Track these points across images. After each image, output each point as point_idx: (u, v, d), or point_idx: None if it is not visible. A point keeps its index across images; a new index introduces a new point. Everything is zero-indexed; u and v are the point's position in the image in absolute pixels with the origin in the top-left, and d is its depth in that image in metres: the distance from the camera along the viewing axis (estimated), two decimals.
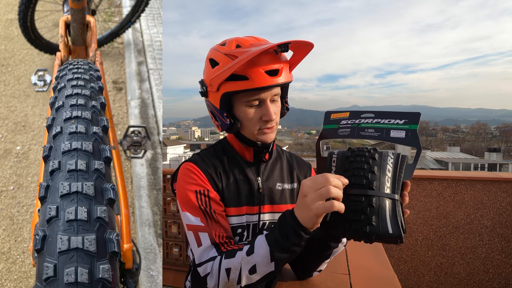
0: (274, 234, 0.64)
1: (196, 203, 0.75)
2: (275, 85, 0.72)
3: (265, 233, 0.66)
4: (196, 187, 0.76)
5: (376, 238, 0.59)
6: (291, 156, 0.94)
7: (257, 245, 0.65)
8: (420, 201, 2.41)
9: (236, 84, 0.72)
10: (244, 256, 0.66)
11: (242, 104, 0.75)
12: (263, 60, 0.71)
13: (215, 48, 0.78)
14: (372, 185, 0.60)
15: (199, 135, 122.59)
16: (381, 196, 0.60)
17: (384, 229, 0.58)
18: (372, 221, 0.59)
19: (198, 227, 0.73)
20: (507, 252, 2.32)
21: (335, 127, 0.75)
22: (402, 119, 0.66)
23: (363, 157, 0.63)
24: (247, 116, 0.76)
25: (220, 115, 0.77)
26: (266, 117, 0.75)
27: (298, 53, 0.77)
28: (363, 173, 0.62)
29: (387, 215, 0.59)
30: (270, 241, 0.64)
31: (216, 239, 0.73)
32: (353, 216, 0.60)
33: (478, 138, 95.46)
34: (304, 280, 0.91)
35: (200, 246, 0.72)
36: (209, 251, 0.72)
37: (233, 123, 0.77)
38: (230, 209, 0.79)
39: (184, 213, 0.76)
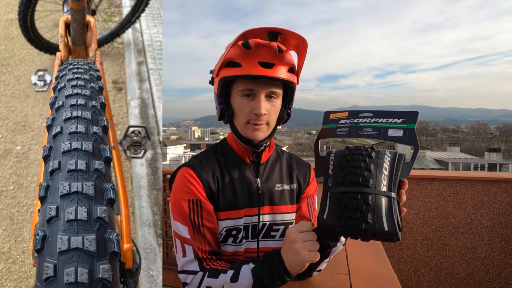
0: (261, 273, 0.68)
1: (187, 213, 0.77)
2: (265, 77, 0.72)
3: (252, 266, 0.70)
4: (190, 196, 0.77)
5: (372, 236, 0.60)
6: (290, 157, 0.93)
7: (242, 275, 0.69)
8: (420, 201, 2.41)
9: (230, 70, 0.75)
10: (228, 281, 0.69)
11: (237, 94, 0.77)
12: (261, 53, 0.73)
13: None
14: (368, 183, 0.61)
15: (199, 135, 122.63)
16: (377, 194, 0.60)
17: (380, 227, 0.59)
18: (368, 218, 0.59)
19: (184, 239, 0.77)
20: (507, 252, 2.32)
21: (333, 127, 0.75)
22: (400, 118, 0.67)
23: (360, 156, 0.63)
24: (239, 106, 0.77)
25: (216, 101, 0.81)
26: (256, 110, 0.75)
27: (299, 52, 0.77)
28: (359, 171, 0.62)
29: (383, 213, 0.59)
30: (255, 277, 0.68)
31: (199, 254, 0.76)
32: (349, 214, 0.61)
33: (478, 138, 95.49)
34: (304, 280, 0.91)
35: (184, 257, 0.77)
36: (191, 264, 0.76)
37: (225, 110, 0.79)
38: (226, 212, 0.79)
39: (174, 221, 0.79)
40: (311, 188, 0.92)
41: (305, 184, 0.91)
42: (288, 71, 0.76)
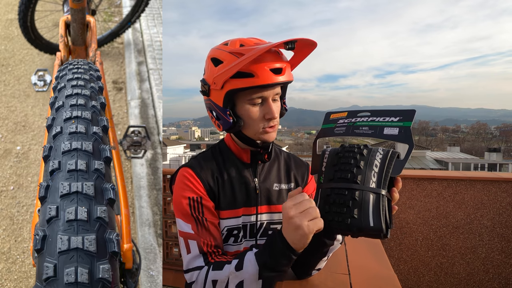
0: (264, 256, 0.65)
1: (188, 210, 0.76)
2: (279, 83, 0.74)
3: (255, 251, 0.67)
4: (191, 193, 0.77)
5: (358, 231, 0.60)
6: (289, 156, 0.94)
7: (246, 262, 0.66)
8: (420, 201, 2.41)
9: (241, 81, 0.72)
10: (233, 270, 0.67)
11: (245, 102, 0.76)
12: (268, 58, 0.72)
13: (217, 48, 0.78)
14: (356, 179, 0.62)
15: (199, 135, 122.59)
16: (365, 190, 0.61)
17: (366, 222, 0.59)
18: (354, 213, 0.60)
19: (188, 235, 0.76)
20: (507, 252, 2.32)
21: (332, 126, 0.76)
22: (396, 116, 0.67)
23: (352, 153, 0.65)
24: (250, 115, 0.76)
25: (222, 113, 0.77)
26: (269, 115, 0.75)
27: (301, 53, 0.78)
28: (348, 167, 0.63)
29: (370, 209, 0.60)
30: (259, 261, 0.65)
31: (204, 248, 0.74)
32: (336, 209, 0.62)
33: (478, 138, 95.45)
34: (303, 280, 0.91)
35: (189, 253, 0.75)
36: (196, 260, 0.74)
37: (236, 122, 0.77)
38: (226, 211, 0.80)
39: (177, 219, 0.78)
40: (309, 187, 0.92)
41: (303, 184, 0.91)
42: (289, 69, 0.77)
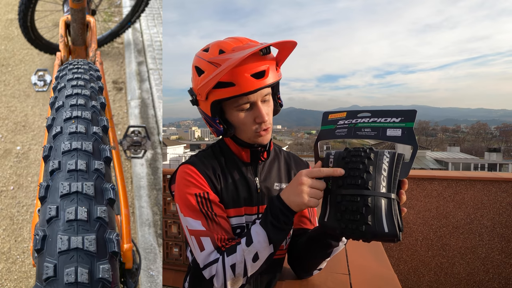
0: (267, 219, 0.69)
1: (197, 206, 0.75)
2: (262, 87, 0.72)
3: (258, 221, 0.71)
4: (196, 190, 0.76)
5: (373, 237, 0.61)
6: (289, 156, 0.93)
7: (254, 234, 0.70)
8: (420, 201, 2.41)
9: (223, 91, 0.71)
10: (245, 247, 0.69)
11: (233, 109, 0.75)
12: (248, 63, 0.70)
13: (198, 55, 0.76)
14: (367, 185, 0.61)
15: (199, 135, 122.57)
16: (377, 196, 0.61)
17: (380, 228, 0.59)
18: (368, 220, 0.60)
19: (200, 232, 0.74)
20: (507, 252, 2.32)
21: (332, 128, 0.75)
22: (398, 117, 0.66)
23: (359, 157, 0.64)
24: (240, 120, 0.76)
25: (213, 122, 0.77)
26: (259, 119, 0.75)
27: (283, 51, 0.76)
28: (358, 173, 0.62)
29: (383, 214, 0.60)
30: (265, 227, 0.69)
31: (218, 243, 0.74)
32: (349, 216, 0.62)
33: (478, 138, 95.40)
34: (304, 280, 0.91)
35: (203, 250, 0.74)
36: (211, 255, 0.73)
37: (227, 129, 0.77)
38: (229, 210, 0.79)
39: (185, 217, 0.76)
40: None
41: None
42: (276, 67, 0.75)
